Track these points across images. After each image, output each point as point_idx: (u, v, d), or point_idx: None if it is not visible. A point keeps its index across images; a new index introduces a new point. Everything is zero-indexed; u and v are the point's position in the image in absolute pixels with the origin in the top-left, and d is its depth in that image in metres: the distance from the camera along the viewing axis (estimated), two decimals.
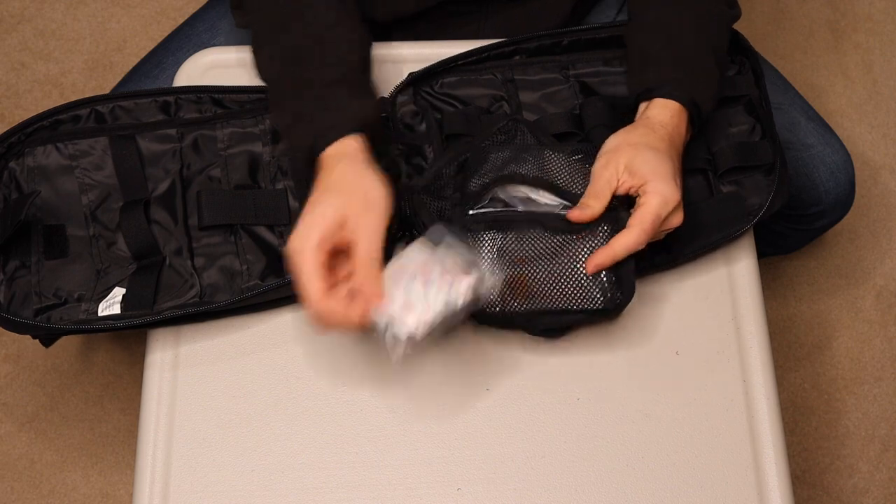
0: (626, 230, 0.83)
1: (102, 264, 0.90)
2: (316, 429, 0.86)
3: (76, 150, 0.93)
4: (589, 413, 0.87)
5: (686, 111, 0.88)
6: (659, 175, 0.84)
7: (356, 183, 0.81)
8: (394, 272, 0.80)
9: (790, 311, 1.53)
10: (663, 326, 0.90)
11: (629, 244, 0.82)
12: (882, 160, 1.63)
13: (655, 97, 0.88)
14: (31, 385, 1.47)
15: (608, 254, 0.83)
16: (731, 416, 0.87)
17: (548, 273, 0.84)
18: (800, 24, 1.74)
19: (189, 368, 0.88)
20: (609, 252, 0.83)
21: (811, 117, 1.13)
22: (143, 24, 1.73)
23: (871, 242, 1.58)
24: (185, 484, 0.85)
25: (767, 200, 0.90)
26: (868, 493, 1.43)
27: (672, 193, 0.83)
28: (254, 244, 0.91)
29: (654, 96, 0.88)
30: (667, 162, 0.85)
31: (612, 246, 0.83)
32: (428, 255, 0.80)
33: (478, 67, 0.97)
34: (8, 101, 1.66)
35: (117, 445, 1.43)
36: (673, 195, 0.84)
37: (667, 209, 0.83)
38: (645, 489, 0.84)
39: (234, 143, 0.95)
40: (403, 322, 0.78)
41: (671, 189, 0.83)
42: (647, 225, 0.82)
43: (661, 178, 0.83)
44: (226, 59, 1.01)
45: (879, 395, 1.48)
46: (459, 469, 0.85)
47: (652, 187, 0.83)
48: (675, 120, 0.88)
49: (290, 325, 0.90)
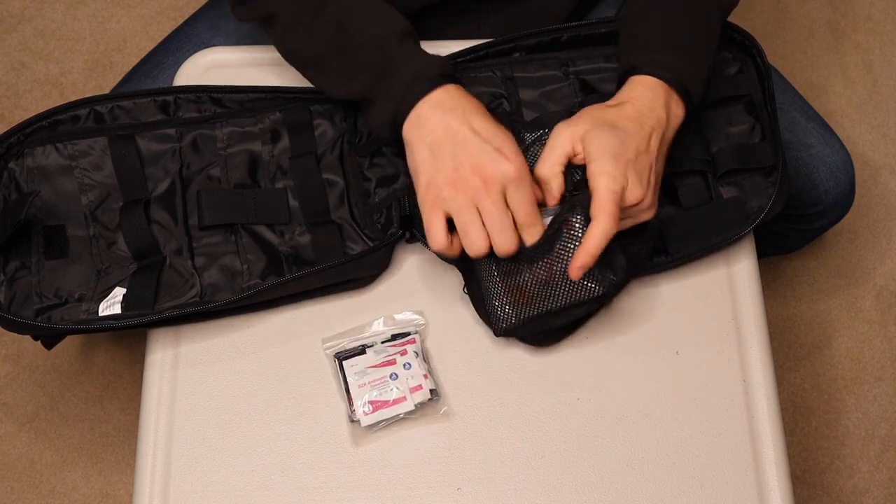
0: (592, 222, 0.80)
1: (103, 264, 0.90)
2: (316, 429, 0.86)
3: (75, 150, 0.93)
4: (589, 413, 0.87)
5: (670, 90, 0.86)
6: (605, 153, 0.81)
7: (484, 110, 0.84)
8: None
9: (790, 311, 1.53)
10: (663, 326, 0.90)
11: (599, 234, 0.80)
12: (882, 160, 1.63)
13: (636, 75, 0.87)
14: (31, 385, 1.47)
15: (585, 252, 0.80)
16: (731, 416, 0.86)
17: (539, 276, 0.84)
18: (800, 24, 1.74)
19: (189, 368, 0.88)
20: (584, 251, 0.80)
21: (811, 117, 1.13)
22: (143, 24, 1.73)
23: (871, 242, 1.58)
24: (185, 484, 0.85)
25: (768, 203, 0.90)
26: (868, 493, 1.43)
27: (617, 171, 0.80)
28: (254, 243, 0.91)
29: (635, 74, 0.87)
30: (623, 141, 0.82)
31: (585, 244, 0.80)
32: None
33: (477, 65, 0.96)
34: (8, 101, 1.66)
35: (117, 445, 1.44)
36: (619, 173, 0.80)
37: (618, 186, 0.80)
38: (645, 489, 0.84)
39: (234, 142, 0.95)
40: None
41: (616, 168, 0.80)
42: (610, 206, 0.80)
43: (607, 157, 0.81)
44: (226, 59, 1.01)
45: (879, 395, 1.48)
46: (459, 469, 0.85)
47: (597, 167, 0.80)
48: (650, 96, 0.85)
49: (290, 325, 0.90)
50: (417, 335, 0.88)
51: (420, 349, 0.88)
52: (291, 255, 0.91)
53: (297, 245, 0.91)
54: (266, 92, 0.96)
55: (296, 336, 0.89)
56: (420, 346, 0.88)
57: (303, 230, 0.92)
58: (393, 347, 0.87)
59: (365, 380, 0.86)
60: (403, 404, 0.85)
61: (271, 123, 0.95)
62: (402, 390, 0.86)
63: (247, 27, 1.09)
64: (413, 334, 0.88)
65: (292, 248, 0.91)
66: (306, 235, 0.92)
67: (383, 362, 0.87)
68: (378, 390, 0.86)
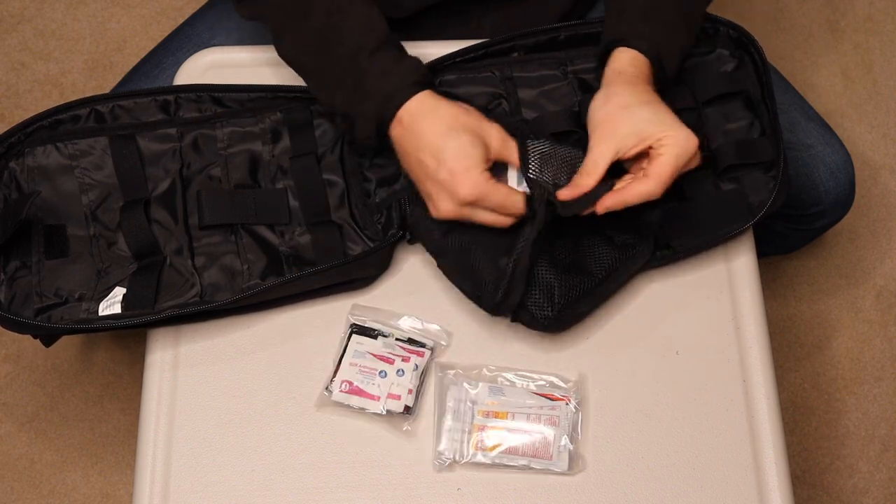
0: (642, 179, 0.82)
1: (103, 264, 0.90)
2: (316, 429, 0.86)
3: (76, 150, 0.93)
4: (589, 413, 0.87)
5: (650, 64, 0.87)
6: (668, 125, 0.83)
7: (465, 116, 0.84)
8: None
9: (790, 311, 1.53)
10: (663, 326, 0.90)
11: (642, 192, 0.82)
12: (882, 160, 1.63)
13: (619, 47, 0.87)
14: (31, 385, 1.47)
15: (618, 198, 0.82)
16: (731, 416, 0.86)
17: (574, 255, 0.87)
18: (799, 24, 1.74)
19: (189, 368, 0.88)
20: (619, 197, 0.82)
21: (811, 117, 1.13)
22: (143, 24, 1.73)
23: (871, 242, 1.58)
24: (185, 484, 0.85)
25: (769, 198, 0.90)
26: (868, 493, 1.43)
27: (689, 139, 0.82)
28: (254, 243, 0.91)
29: (617, 46, 0.87)
30: (666, 110, 0.84)
31: (624, 192, 0.82)
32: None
33: (476, 65, 0.96)
34: (8, 101, 1.66)
35: (117, 445, 1.43)
36: (690, 140, 0.83)
37: (686, 156, 0.83)
38: (645, 489, 0.84)
39: (234, 142, 0.95)
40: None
41: (687, 135, 0.83)
42: (666, 175, 0.82)
43: (672, 128, 0.82)
44: (225, 59, 1.01)
45: (879, 395, 1.48)
46: (459, 469, 0.85)
47: (668, 140, 0.82)
48: (645, 70, 0.87)
49: (290, 325, 0.90)
50: (431, 352, 0.88)
51: (424, 366, 0.87)
52: (291, 255, 0.91)
53: (297, 245, 0.91)
54: (267, 91, 0.96)
55: (296, 336, 0.90)
56: (425, 363, 0.87)
57: (303, 230, 0.92)
58: (402, 349, 0.87)
59: (359, 362, 0.86)
60: (374, 403, 0.85)
61: (272, 123, 0.95)
62: (381, 391, 0.86)
63: (247, 27, 1.09)
64: (427, 349, 0.88)
65: (292, 249, 0.91)
66: (306, 236, 0.92)
67: (383, 356, 0.87)
68: (363, 377, 0.86)
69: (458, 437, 0.84)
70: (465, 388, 0.86)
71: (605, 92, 0.86)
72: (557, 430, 0.84)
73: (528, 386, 0.86)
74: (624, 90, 0.85)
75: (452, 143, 0.83)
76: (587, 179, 0.83)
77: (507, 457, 0.84)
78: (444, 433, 0.85)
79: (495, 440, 0.84)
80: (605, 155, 0.83)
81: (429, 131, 0.84)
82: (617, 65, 0.87)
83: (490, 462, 0.84)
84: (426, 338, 0.88)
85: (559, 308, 0.86)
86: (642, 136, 0.82)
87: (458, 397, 0.85)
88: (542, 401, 0.85)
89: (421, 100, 0.84)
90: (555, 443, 0.84)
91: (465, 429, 0.85)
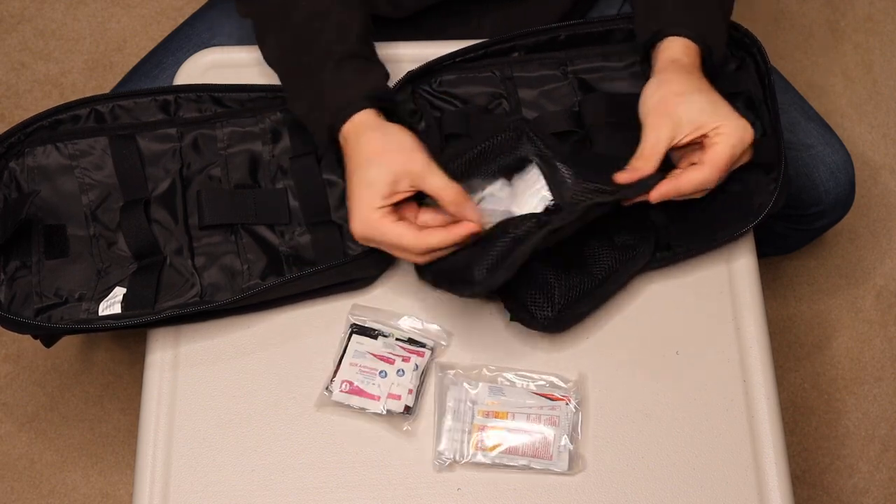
0: (697, 167, 0.81)
1: (103, 264, 0.90)
2: (316, 429, 0.86)
3: (76, 150, 0.93)
4: (589, 413, 0.87)
5: (699, 51, 0.86)
6: (723, 115, 0.81)
7: (385, 142, 0.82)
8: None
9: (790, 311, 1.53)
10: (663, 326, 0.90)
11: (697, 180, 0.80)
12: (882, 160, 1.63)
13: (668, 36, 0.86)
14: (31, 385, 1.47)
15: (672, 185, 0.81)
16: (731, 416, 0.86)
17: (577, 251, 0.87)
18: (799, 24, 1.74)
19: (189, 368, 0.88)
20: (674, 184, 0.81)
21: (811, 117, 1.13)
22: (143, 24, 1.73)
23: (871, 242, 1.58)
24: (185, 484, 0.85)
25: (770, 200, 0.90)
26: (868, 493, 1.43)
27: (746, 129, 0.81)
28: (254, 243, 0.91)
29: (666, 35, 0.86)
30: (721, 99, 0.82)
31: (678, 179, 0.80)
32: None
33: (476, 65, 0.96)
34: (8, 101, 1.66)
35: (117, 445, 1.43)
36: (747, 131, 0.81)
37: (742, 146, 0.81)
38: (645, 489, 0.84)
39: (234, 142, 0.95)
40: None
41: (744, 125, 0.81)
42: (722, 164, 0.80)
43: (729, 118, 0.81)
44: (225, 59, 1.01)
45: (879, 395, 1.48)
46: (459, 469, 0.85)
47: (725, 129, 0.80)
48: (696, 58, 0.86)
49: (290, 325, 0.90)
50: (431, 352, 0.88)
51: (424, 366, 0.87)
52: (291, 255, 0.91)
53: (297, 245, 0.91)
54: (267, 91, 0.96)
55: (296, 336, 0.90)
56: (425, 363, 0.87)
57: (303, 230, 0.92)
58: (402, 349, 0.87)
59: (359, 362, 0.86)
60: (375, 403, 0.85)
61: (272, 123, 0.95)
62: (381, 391, 0.86)
63: (247, 27, 1.09)
64: (427, 349, 0.88)
65: (292, 249, 0.91)
66: (306, 235, 0.92)
67: (384, 356, 0.87)
68: (363, 377, 0.86)
69: (458, 437, 0.84)
70: (465, 388, 0.86)
71: (657, 79, 0.85)
72: (557, 430, 0.84)
73: (528, 386, 0.86)
74: (677, 77, 0.84)
75: (357, 174, 0.82)
76: (646, 164, 0.81)
77: (507, 457, 0.84)
78: (444, 433, 0.85)
79: (495, 440, 0.84)
80: (662, 140, 0.81)
81: (351, 156, 0.84)
82: (670, 53, 0.86)
83: (490, 462, 0.84)
84: (426, 338, 0.88)
85: (559, 308, 0.86)
86: (698, 125, 0.81)
87: (458, 397, 0.85)
88: (542, 401, 0.85)
89: (357, 120, 0.84)
90: (555, 443, 0.84)
91: (465, 429, 0.85)
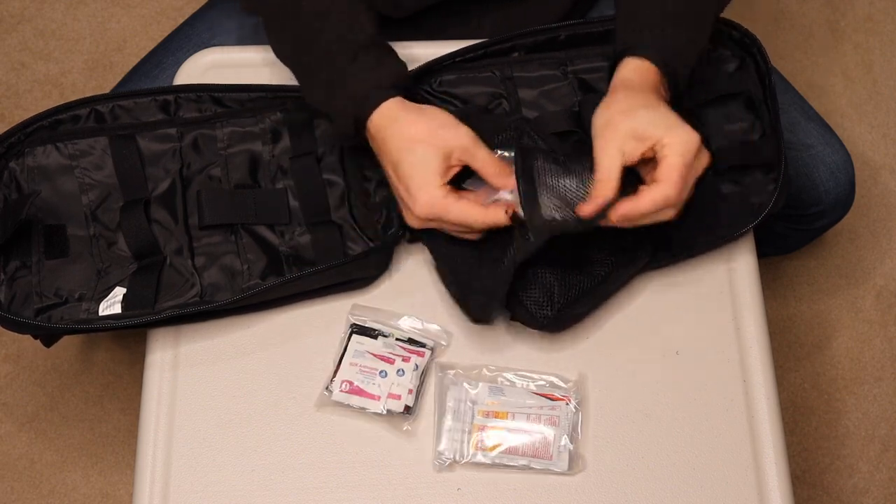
0: (654, 184, 0.80)
1: (103, 264, 0.90)
2: (316, 429, 0.86)
3: (76, 150, 0.93)
4: (589, 413, 0.87)
5: (660, 73, 0.85)
6: (666, 126, 0.81)
7: (429, 121, 0.84)
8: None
9: (790, 311, 1.53)
10: (663, 326, 0.90)
11: (656, 197, 0.79)
12: (882, 160, 1.63)
13: (627, 56, 0.86)
14: (31, 385, 1.47)
15: (631, 205, 0.80)
16: (731, 416, 0.86)
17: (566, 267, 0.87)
18: (799, 24, 1.74)
19: (189, 368, 0.88)
20: (632, 204, 0.80)
21: (811, 117, 1.13)
22: (143, 24, 1.73)
23: (871, 242, 1.58)
24: (185, 484, 0.85)
25: (770, 200, 0.89)
26: (868, 493, 1.43)
27: (690, 136, 0.80)
28: (254, 243, 0.91)
29: (625, 55, 0.86)
30: (668, 112, 0.82)
31: (637, 197, 0.80)
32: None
33: (476, 65, 0.96)
34: (8, 101, 1.66)
35: (117, 445, 1.43)
36: (692, 138, 0.80)
37: (691, 153, 0.80)
38: (645, 489, 0.84)
39: (234, 142, 0.95)
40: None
41: (688, 133, 0.80)
42: (675, 176, 0.79)
43: (672, 129, 0.80)
44: (226, 59, 1.01)
45: (879, 395, 1.48)
46: (459, 469, 0.85)
47: (669, 139, 0.80)
48: (652, 77, 0.85)
49: (290, 325, 0.90)
50: (431, 352, 0.88)
51: (424, 366, 0.87)
52: (291, 255, 0.91)
53: (297, 245, 0.91)
54: (267, 91, 0.96)
55: (296, 336, 0.90)
56: (425, 363, 0.87)
57: (303, 230, 0.92)
58: (402, 349, 0.87)
59: (359, 361, 0.86)
60: (375, 403, 0.85)
61: (272, 123, 0.95)
62: (381, 391, 0.86)
63: (247, 27, 1.09)
64: (427, 349, 0.88)
65: (292, 249, 0.91)
66: (306, 236, 0.92)
67: (384, 356, 0.87)
68: (363, 377, 0.86)
69: (458, 437, 0.84)
70: (465, 388, 0.86)
71: (605, 100, 0.85)
72: (557, 430, 0.84)
73: (528, 386, 0.86)
74: (624, 95, 0.84)
75: (408, 158, 0.82)
76: (604, 189, 0.80)
77: (507, 457, 0.84)
78: (444, 433, 0.85)
79: (495, 440, 0.84)
80: (614, 159, 0.81)
81: (390, 143, 0.84)
82: (622, 73, 0.86)
83: (490, 462, 0.84)
84: (426, 338, 0.88)
85: (559, 307, 0.86)
86: (642, 137, 0.80)
87: (458, 397, 0.85)
88: (542, 401, 0.85)
89: (388, 107, 0.84)
90: (555, 443, 0.84)
91: (465, 429, 0.85)
